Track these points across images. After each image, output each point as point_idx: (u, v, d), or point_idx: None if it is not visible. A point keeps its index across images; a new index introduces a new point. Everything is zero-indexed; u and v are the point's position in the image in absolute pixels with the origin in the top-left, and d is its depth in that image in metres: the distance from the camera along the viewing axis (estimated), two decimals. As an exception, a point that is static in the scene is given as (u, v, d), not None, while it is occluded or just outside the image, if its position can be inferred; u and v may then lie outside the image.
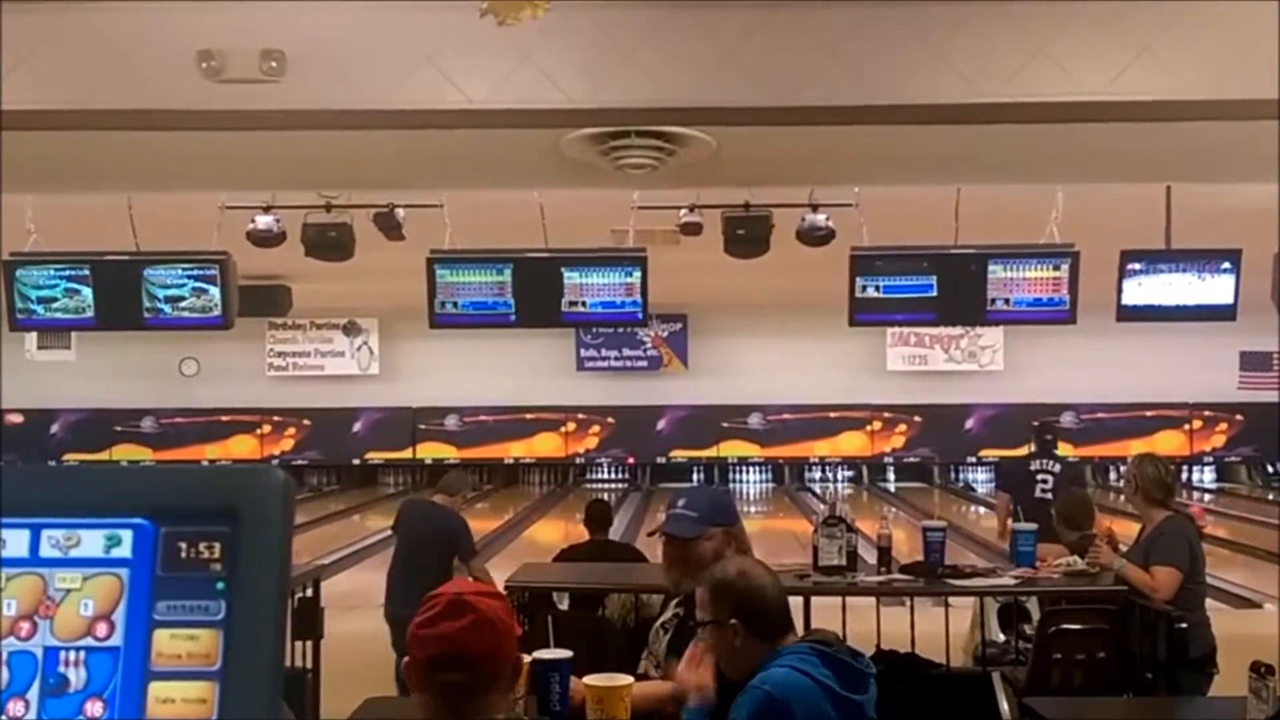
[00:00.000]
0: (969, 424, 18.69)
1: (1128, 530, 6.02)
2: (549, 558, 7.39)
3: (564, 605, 6.14)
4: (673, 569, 3.55)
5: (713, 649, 2.92)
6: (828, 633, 2.93)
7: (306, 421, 19.03)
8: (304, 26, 5.05)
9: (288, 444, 19.06)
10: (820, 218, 7.65)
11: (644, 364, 18.77)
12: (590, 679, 3.07)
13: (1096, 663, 5.14)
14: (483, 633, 2.20)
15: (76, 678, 0.99)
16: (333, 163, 6.40)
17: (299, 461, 18.63)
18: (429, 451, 19.03)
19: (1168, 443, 18.16)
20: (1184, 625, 5.00)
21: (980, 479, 19.47)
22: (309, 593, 6.37)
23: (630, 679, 3.10)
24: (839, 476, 19.36)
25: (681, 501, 3.63)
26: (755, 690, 2.68)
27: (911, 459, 19.03)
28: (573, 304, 7.29)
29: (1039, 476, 8.36)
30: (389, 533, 7.77)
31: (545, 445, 19.08)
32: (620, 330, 17.16)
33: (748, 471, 19.29)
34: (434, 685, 2.21)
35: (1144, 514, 5.54)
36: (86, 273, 7.24)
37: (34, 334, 14.57)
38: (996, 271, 7.10)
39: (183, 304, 7.25)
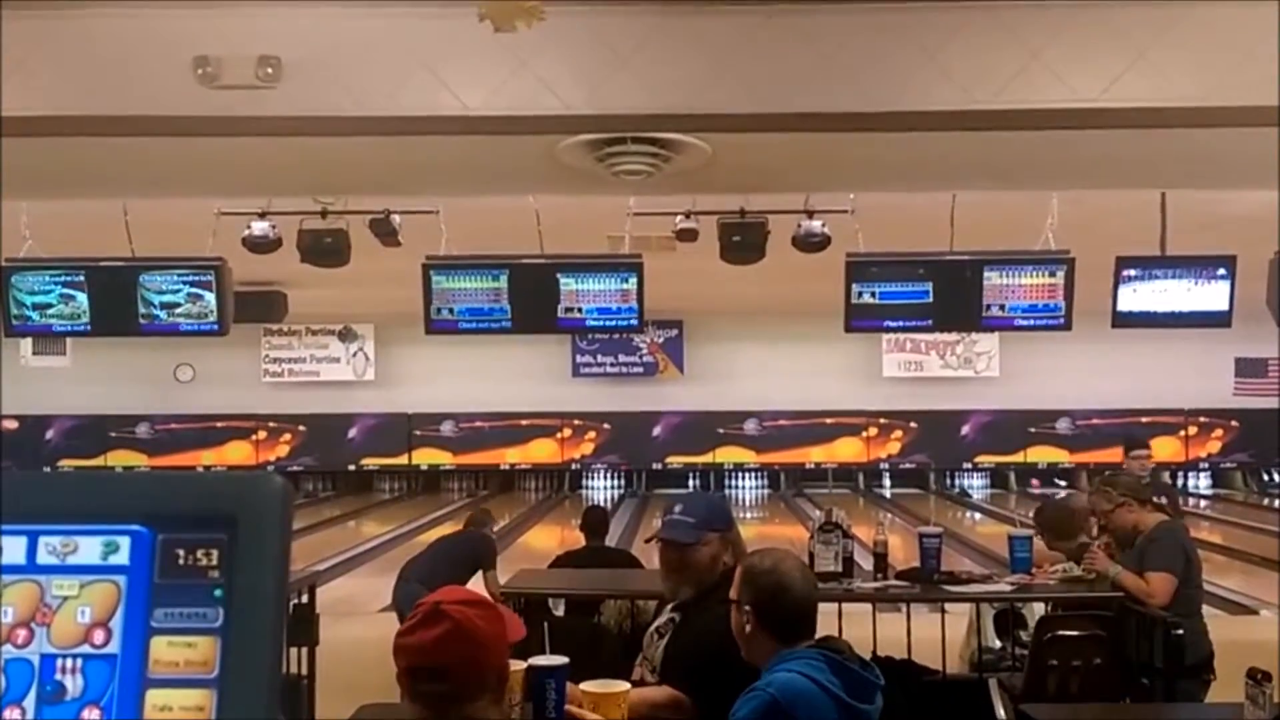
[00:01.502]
0: (965, 430, 18.70)
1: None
2: (545, 564, 7.40)
3: (559, 611, 6.15)
4: (671, 576, 3.54)
5: (733, 627, 2.95)
6: (839, 640, 2.92)
7: (302, 427, 19.02)
8: (300, 33, 5.05)
9: (283, 450, 19.04)
10: (816, 224, 7.65)
11: (640, 370, 18.78)
12: (587, 685, 3.06)
13: (1093, 669, 5.14)
14: (456, 643, 2.20)
15: (73, 685, 0.98)
16: (329, 169, 6.39)
17: (294, 467, 18.61)
18: (424, 458, 19.02)
19: (1163, 449, 18.16)
20: (1180, 631, 5.00)
21: (976, 485, 19.49)
22: (304, 599, 6.37)
23: (627, 685, 3.10)
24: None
25: (678, 507, 3.63)
26: (760, 693, 2.67)
27: (908, 465, 19.04)
28: (569, 310, 7.28)
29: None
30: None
31: (541, 451, 19.08)
32: (616, 336, 17.16)
33: (744, 477, 19.29)
34: (416, 694, 2.23)
35: (1139, 520, 5.54)
36: (82, 279, 7.22)
37: (29, 340, 14.55)
38: (992, 278, 7.10)
39: (178, 310, 7.24)
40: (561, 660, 3.11)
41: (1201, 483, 19.37)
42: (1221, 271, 7.25)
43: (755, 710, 2.64)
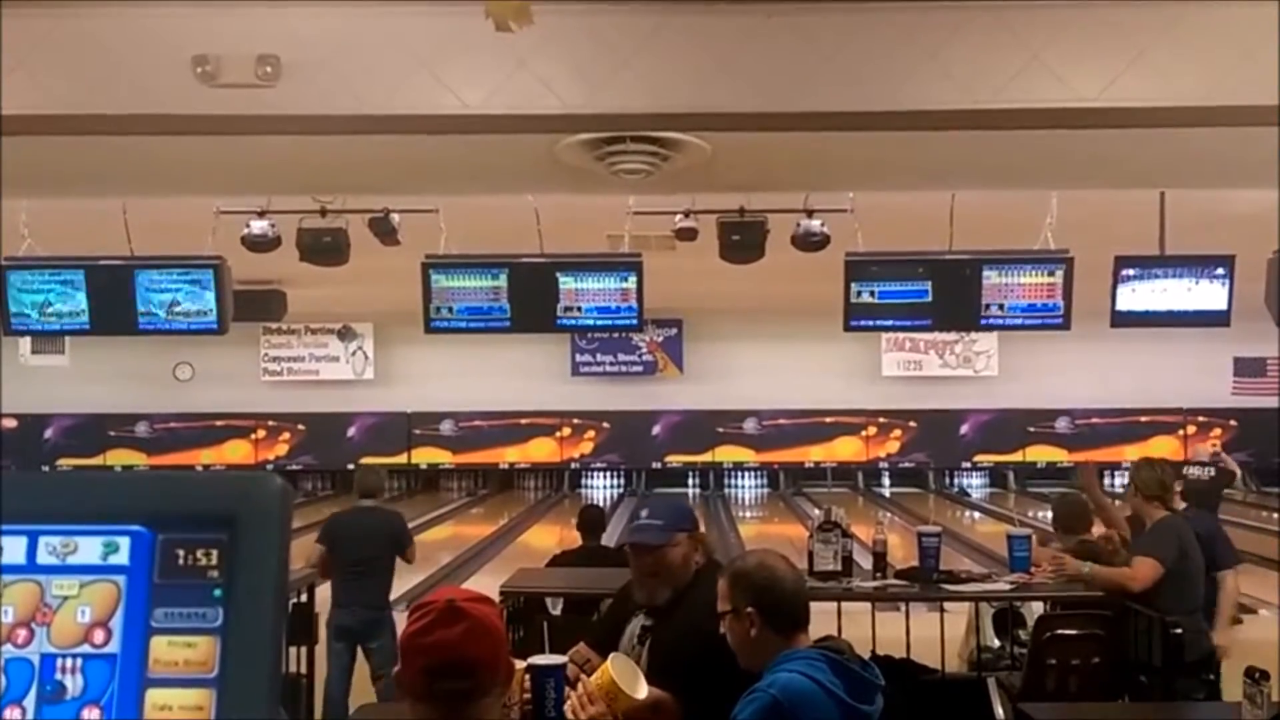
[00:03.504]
0: (964, 429, 18.70)
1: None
2: (544, 563, 7.39)
3: (557, 611, 6.15)
4: (646, 580, 3.55)
5: (730, 641, 2.91)
6: (840, 640, 2.92)
7: (301, 426, 19.00)
8: (299, 31, 5.05)
9: (282, 449, 19.03)
10: (815, 223, 7.65)
11: (639, 369, 18.77)
12: (616, 666, 2.99)
13: (1091, 668, 5.14)
14: (479, 639, 2.21)
15: (73, 685, 0.98)
16: (328, 167, 6.40)
17: (293, 467, 18.59)
18: (424, 457, 19.01)
19: (1162, 448, 18.15)
20: (1179, 630, 5.00)
21: (975, 484, 19.49)
22: (303, 598, 6.38)
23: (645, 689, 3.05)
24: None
25: (644, 512, 3.66)
26: (762, 694, 2.66)
27: (907, 464, 19.04)
28: (568, 309, 7.28)
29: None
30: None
31: (540, 450, 19.07)
32: (615, 335, 17.15)
33: (743, 476, 19.29)
34: (432, 693, 2.22)
35: (1144, 514, 5.53)
36: (81, 277, 7.22)
37: (28, 338, 14.55)
38: (991, 277, 7.10)
39: (177, 309, 7.24)
40: (560, 660, 3.11)
41: (1201, 482, 19.34)
42: (1220, 271, 7.26)
43: (757, 712, 2.63)
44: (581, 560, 6.87)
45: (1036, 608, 5.91)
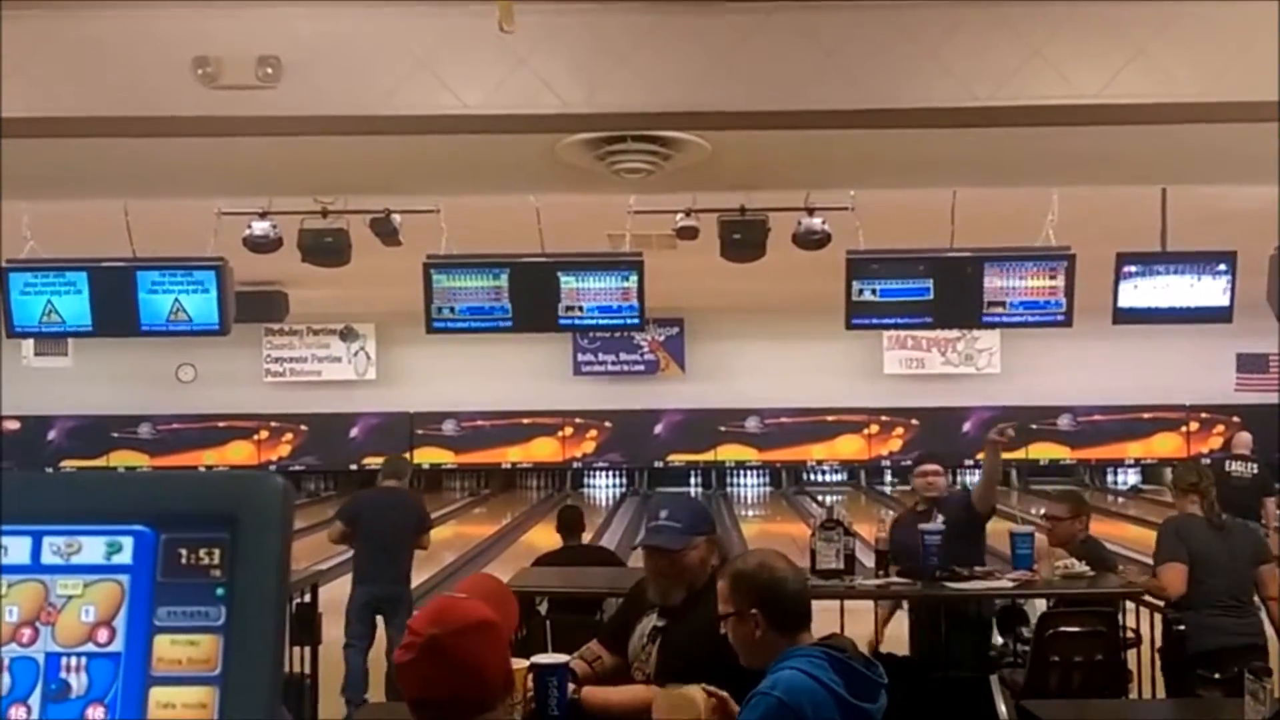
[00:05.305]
0: (966, 427, 18.66)
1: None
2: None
3: (542, 610, 6.13)
4: (660, 581, 3.53)
5: (733, 641, 2.90)
6: (842, 639, 2.92)
7: (304, 427, 19.01)
8: (299, 32, 5.06)
9: (285, 449, 19.04)
10: (816, 221, 7.65)
11: (641, 368, 18.77)
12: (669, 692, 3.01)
13: (1094, 665, 5.14)
14: (453, 678, 2.21)
15: (78, 683, 0.99)
16: (329, 168, 6.40)
17: (296, 467, 18.61)
18: (426, 456, 19.01)
19: (1165, 445, 18.18)
20: (1181, 627, 4.99)
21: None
22: (307, 598, 6.38)
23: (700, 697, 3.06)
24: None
25: (663, 513, 3.59)
26: (766, 696, 2.65)
27: (909, 462, 19.01)
28: (569, 308, 7.29)
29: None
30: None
31: (542, 450, 19.07)
32: (617, 335, 17.15)
33: (745, 475, 19.28)
34: (417, 716, 2.27)
35: (1180, 508, 5.51)
36: (84, 279, 7.23)
37: (30, 340, 14.56)
38: (993, 275, 7.11)
39: (179, 310, 7.25)
40: (563, 658, 3.12)
41: (1203, 479, 19.30)
42: (1222, 267, 7.26)
43: (763, 714, 2.63)
44: (563, 560, 6.85)
45: (1039, 605, 5.91)
